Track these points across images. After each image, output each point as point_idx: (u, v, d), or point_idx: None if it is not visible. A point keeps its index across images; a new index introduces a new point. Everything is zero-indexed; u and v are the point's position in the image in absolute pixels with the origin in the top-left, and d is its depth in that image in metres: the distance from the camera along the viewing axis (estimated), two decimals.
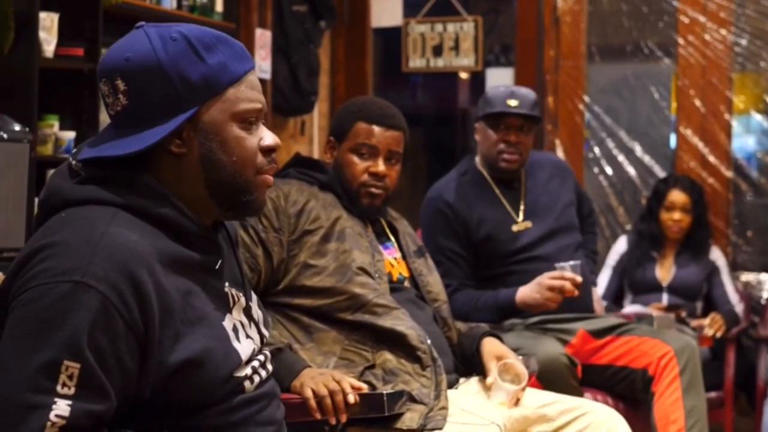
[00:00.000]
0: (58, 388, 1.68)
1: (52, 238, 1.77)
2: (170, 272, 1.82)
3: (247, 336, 1.97)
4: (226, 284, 1.96)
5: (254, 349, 1.98)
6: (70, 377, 1.69)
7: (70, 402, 1.69)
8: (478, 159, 4.13)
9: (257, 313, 2.06)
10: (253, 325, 2.01)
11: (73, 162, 1.88)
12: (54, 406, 1.67)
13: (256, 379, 1.96)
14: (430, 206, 4.06)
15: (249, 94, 1.92)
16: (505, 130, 3.97)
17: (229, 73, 1.90)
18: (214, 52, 1.88)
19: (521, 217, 4.04)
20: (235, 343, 1.92)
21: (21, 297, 1.74)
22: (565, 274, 3.66)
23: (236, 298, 1.97)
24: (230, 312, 1.94)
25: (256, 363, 1.97)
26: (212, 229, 1.98)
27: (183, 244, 1.88)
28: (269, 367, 2.03)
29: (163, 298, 1.79)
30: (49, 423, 1.67)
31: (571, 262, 3.70)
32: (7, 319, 1.75)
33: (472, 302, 3.85)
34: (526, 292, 3.78)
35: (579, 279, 3.65)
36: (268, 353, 2.05)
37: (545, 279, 3.71)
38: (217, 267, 1.95)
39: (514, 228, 4.00)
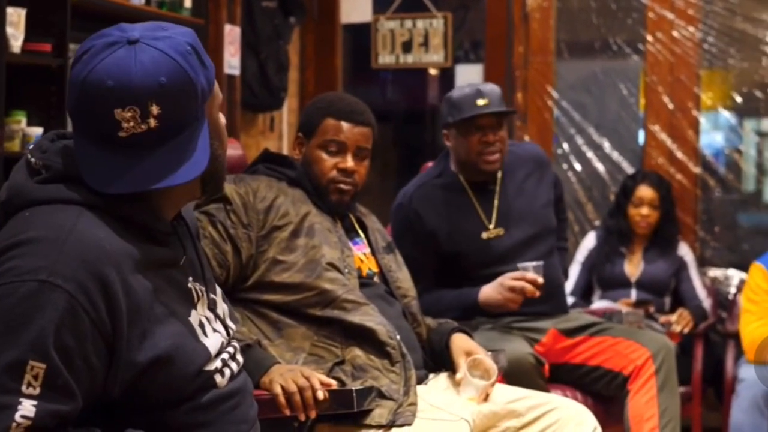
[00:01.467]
0: (23, 388, 1.67)
1: (18, 238, 1.75)
2: (137, 270, 1.81)
3: (214, 330, 1.97)
4: (190, 279, 1.96)
5: (222, 343, 1.97)
6: (35, 377, 1.68)
7: (35, 402, 1.68)
8: (452, 163, 4.01)
9: (222, 306, 2.06)
10: (218, 319, 2.01)
11: (33, 159, 1.86)
12: (19, 407, 1.67)
13: (227, 372, 1.95)
14: (400, 212, 3.97)
15: (217, 84, 1.95)
16: (480, 132, 3.84)
17: (213, 70, 1.92)
18: (204, 53, 1.90)
19: (493, 223, 3.94)
20: (203, 339, 1.92)
21: None
22: (526, 275, 3.62)
23: (200, 293, 1.97)
24: (195, 308, 1.94)
25: (225, 355, 1.97)
26: (174, 223, 1.98)
27: (148, 241, 1.87)
28: (239, 358, 2.03)
29: (131, 297, 1.78)
30: (14, 424, 1.66)
31: (534, 263, 3.65)
32: None
33: (436, 304, 3.76)
34: (487, 293, 3.75)
35: (540, 280, 3.62)
36: (236, 345, 2.05)
37: (507, 280, 3.68)
38: (182, 263, 1.95)
39: (484, 235, 3.91)
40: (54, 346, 1.69)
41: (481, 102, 3.83)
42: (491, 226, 3.94)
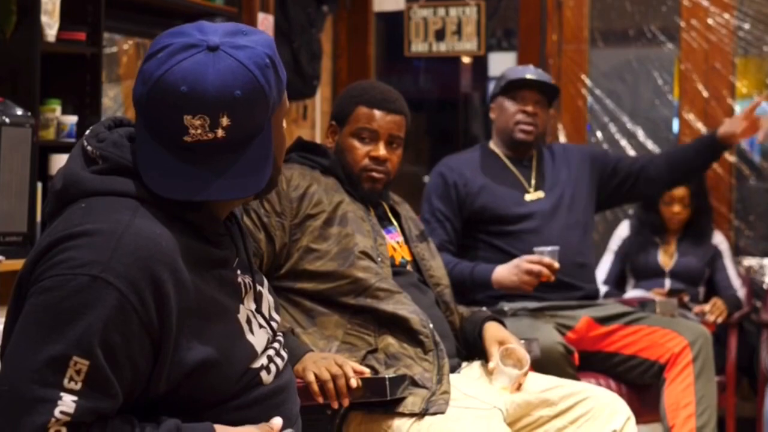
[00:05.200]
0: (65, 382, 1.67)
1: (73, 229, 1.74)
2: (190, 268, 1.80)
3: (260, 326, 1.96)
4: (239, 272, 1.95)
5: (268, 338, 1.97)
6: (78, 373, 1.67)
7: (75, 398, 1.67)
8: (491, 142, 4.27)
9: (268, 299, 2.05)
10: (262, 316, 1.99)
11: (89, 147, 1.84)
12: (59, 402, 1.66)
13: (273, 368, 1.94)
14: (435, 171, 4.22)
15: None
16: (522, 102, 4.12)
17: (284, 78, 1.90)
18: (280, 64, 1.87)
19: (533, 188, 4.16)
20: (249, 336, 1.91)
21: (39, 285, 1.72)
22: (543, 259, 3.71)
23: (248, 287, 1.96)
24: (242, 302, 1.93)
25: (271, 351, 1.96)
26: (226, 222, 1.97)
27: (202, 240, 1.86)
28: (284, 354, 2.02)
29: (183, 296, 1.77)
30: (53, 419, 1.66)
31: (549, 248, 3.75)
32: (23, 306, 1.74)
33: (448, 267, 3.86)
34: (503, 273, 3.84)
35: (556, 265, 3.71)
36: (281, 339, 2.03)
37: (524, 262, 3.76)
38: (234, 265, 1.94)
39: (527, 197, 4.12)
40: (100, 343, 1.69)
41: (529, 75, 4.16)
42: (531, 190, 4.16)
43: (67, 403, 1.67)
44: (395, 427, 2.70)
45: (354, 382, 2.63)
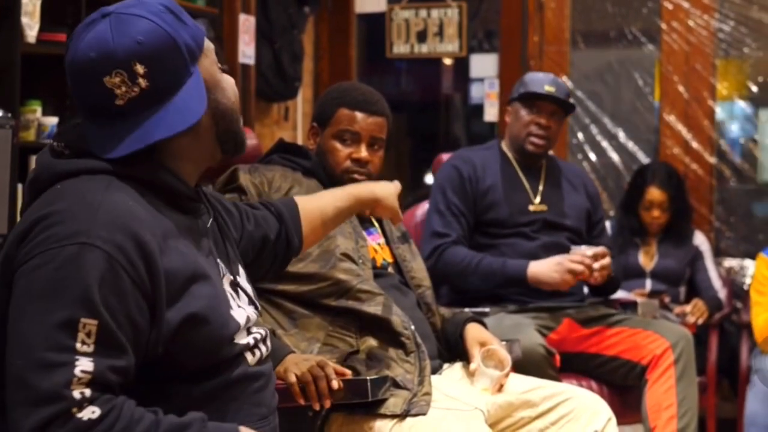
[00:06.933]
0: (78, 345, 1.70)
1: (51, 208, 1.79)
2: (170, 234, 1.86)
3: (239, 306, 2.01)
4: (215, 252, 2.01)
5: (248, 317, 2.01)
6: (88, 335, 1.71)
7: (91, 359, 1.71)
8: (503, 143, 4.24)
9: (246, 287, 2.10)
10: (243, 296, 2.05)
11: (55, 143, 1.91)
12: (77, 363, 1.69)
13: (257, 353, 2.00)
14: (449, 163, 4.18)
15: (210, 42, 2.00)
16: (537, 113, 4.07)
17: (199, 29, 1.96)
18: (183, 13, 1.94)
19: (539, 199, 4.12)
20: (233, 306, 1.97)
21: (27, 264, 1.75)
22: (584, 260, 3.77)
23: (223, 271, 2.01)
24: (222, 279, 1.99)
25: (257, 335, 2.01)
26: (198, 189, 2.03)
27: (176, 209, 1.92)
28: (269, 344, 2.07)
29: (167, 258, 1.82)
30: (75, 378, 1.69)
31: (585, 247, 3.83)
32: (12, 290, 1.77)
33: (474, 260, 3.90)
34: (541, 269, 3.86)
35: (596, 265, 3.77)
36: (266, 331, 2.08)
37: (567, 261, 3.80)
38: (208, 225, 2.00)
39: (531, 208, 4.09)
40: (101, 302, 1.72)
41: (548, 87, 4.07)
42: (537, 201, 4.12)
43: (84, 363, 1.70)
44: (377, 429, 2.69)
45: (335, 384, 2.62)
